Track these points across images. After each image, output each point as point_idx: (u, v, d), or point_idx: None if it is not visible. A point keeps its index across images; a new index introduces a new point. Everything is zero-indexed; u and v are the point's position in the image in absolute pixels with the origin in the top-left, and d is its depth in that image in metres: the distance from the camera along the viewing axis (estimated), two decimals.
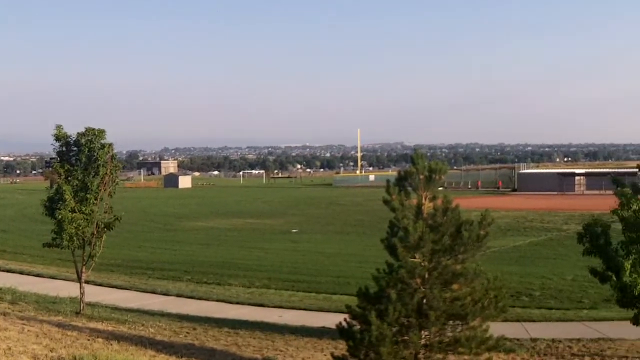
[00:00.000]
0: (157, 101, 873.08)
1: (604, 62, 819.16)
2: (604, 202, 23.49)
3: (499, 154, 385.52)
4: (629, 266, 18.23)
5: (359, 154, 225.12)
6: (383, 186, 14.97)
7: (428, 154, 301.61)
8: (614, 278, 18.72)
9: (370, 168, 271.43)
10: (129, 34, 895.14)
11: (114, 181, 24.61)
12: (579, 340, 20.98)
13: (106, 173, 23.97)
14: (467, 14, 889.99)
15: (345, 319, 14.61)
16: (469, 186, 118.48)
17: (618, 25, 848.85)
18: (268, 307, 27.22)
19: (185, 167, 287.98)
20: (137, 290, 31.08)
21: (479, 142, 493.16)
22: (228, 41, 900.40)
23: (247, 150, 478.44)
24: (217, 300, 28.71)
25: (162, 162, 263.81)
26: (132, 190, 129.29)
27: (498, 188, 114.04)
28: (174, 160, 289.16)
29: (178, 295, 29.87)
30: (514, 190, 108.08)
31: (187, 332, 21.84)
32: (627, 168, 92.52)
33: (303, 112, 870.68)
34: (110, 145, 24.18)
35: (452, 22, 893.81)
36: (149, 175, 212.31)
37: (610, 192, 20.09)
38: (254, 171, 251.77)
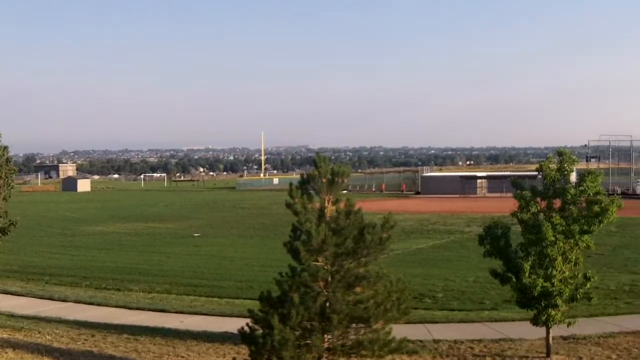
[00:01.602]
0: (55, 102, 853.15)
1: (504, 68, 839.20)
2: (504, 205, 23.90)
3: (403, 157, 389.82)
4: (528, 267, 18.53)
5: (262, 157, 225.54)
6: (287, 189, 14.85)
7: (332, 157, 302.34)
8: (514, 279, 19.01)
9: (275, 171, 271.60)
10: (23, 33, 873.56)
11: (9, 185, 23.94)
12: (480, 340, 21.22)
13: (0, 177, 23.28)
14: (372, 19, 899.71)
15: (247, 324, 14.49)
16: (373, 189, 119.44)
17: (516, 32, 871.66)
18: (169, 312, 26.74)
19: (84, 170, 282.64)
20: (34, 297, 30.18)
21: (383, 146, 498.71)
22: (127, 42, 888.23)
23: (148, 153, 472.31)
24: (117, 306, 28.05)
25: (60, 165, 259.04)
26: (28, 194, 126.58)
27: (402, 191, 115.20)
28: (73, 163, 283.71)
29: (76, 302, 29.09)
30: (418, 193, 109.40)
31: (86, 339, 21.36)
32: (527, 171, 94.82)
33: (206, 114, 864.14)
34: (5, 148, 23.51)
35: (355, 25, 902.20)
36: (46, 178, 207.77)
37: (511, 194, 20.39)
38: (155, 174, 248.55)
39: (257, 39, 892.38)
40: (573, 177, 20.34)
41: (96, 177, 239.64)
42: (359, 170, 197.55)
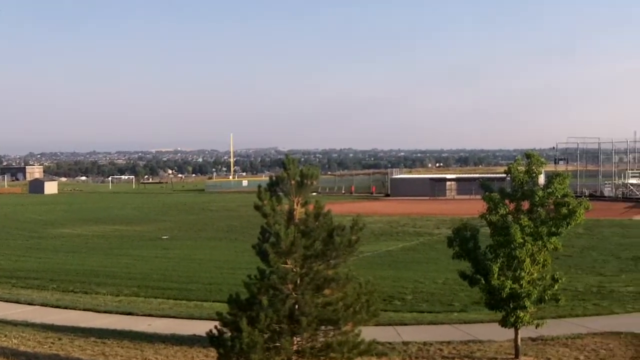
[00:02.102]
0: (21, 103, 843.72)
1: (473, 71, 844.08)
2: (473, 207, 23.94)
3: (372, 159, 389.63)
4: (496, 269, 18.57)
5: (231, 159, 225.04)
6: (256, 191, 14.79)
7: (302, 159, 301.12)
8: (483, 281, 19.06)
9: (244, 173, 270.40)
10: None
11: None
12: (449, 342, 21.26)
13: None
14: (337, 22, 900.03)
15: (215, 326, 14.40)
16: (343, 191, 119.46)
17: (484, 36, 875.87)
18: (137, 315, 26.55)
19: (51, 172, 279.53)
20: (0, 300, 29.84)
21: (353, 148, 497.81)
22: (92, 43, 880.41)
23: (116, 155, 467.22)
24: (84, 310, 27.86)
25: (27, 167, 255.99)
26: None
27: (371, 193, 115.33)
28: (40, 165, 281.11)
29: (43, 305, 28.86)
30: (387, 195, 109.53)
31: (52, 343, 21.14)
32: (496, 173, 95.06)
33: (174, 116, 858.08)
34: None
35: (324, 27, 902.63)
36: (13, 180, 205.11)
37: (480, 196, 20.43)
38: (123, 176, 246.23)
39: (225, 40, 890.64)
40: (541, 179, 20.44)
41: (63, 179, 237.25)
42: (329, 172, 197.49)
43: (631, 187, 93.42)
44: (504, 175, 20.82)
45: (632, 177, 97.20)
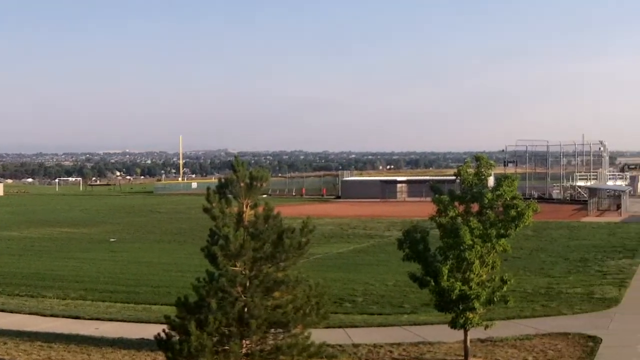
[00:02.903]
0: None
1: (423, 74, 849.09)
2: (424, 209, 24.09)
3: (323, 161, 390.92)
4: (446, 271, 18.63)
5: (180, 161, 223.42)
6: (205, 194, 14.69)
7: (252, 161, 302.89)
8: (433, 283, 19.09)
9: (193, 175, 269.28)
10: None
11: None
12: (399, 344, 21.32)
13: None
14: (282, 24, 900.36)
15: (163, 330, 14.29)
16: (294, 193, 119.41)
17: (435, 38, 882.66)
18: (84, 319, 26.17)
19: None
20: None
21: (304, 150, 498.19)
22: (41, 40, 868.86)
23: (63, 156, 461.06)
24: (30, 313, 27.36)
25: None
26: None
27: (322, 195, 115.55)
28: None
29: None
30: (338, 197, 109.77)
31: None
32: (446, 176, 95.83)
33: (122, 117, 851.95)
34: None
35: (274, 27, 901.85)
36: None
37: (430, 199, 20.48)
38: (70, 178, 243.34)
39: (173, 40, 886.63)
40: (490, 181, 20.55)
41: (9, 181, 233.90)
42: (279, 175, 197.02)
43: (579, 190, 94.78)
44: (453, 177, 20.93)
45: (580, 179, 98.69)
